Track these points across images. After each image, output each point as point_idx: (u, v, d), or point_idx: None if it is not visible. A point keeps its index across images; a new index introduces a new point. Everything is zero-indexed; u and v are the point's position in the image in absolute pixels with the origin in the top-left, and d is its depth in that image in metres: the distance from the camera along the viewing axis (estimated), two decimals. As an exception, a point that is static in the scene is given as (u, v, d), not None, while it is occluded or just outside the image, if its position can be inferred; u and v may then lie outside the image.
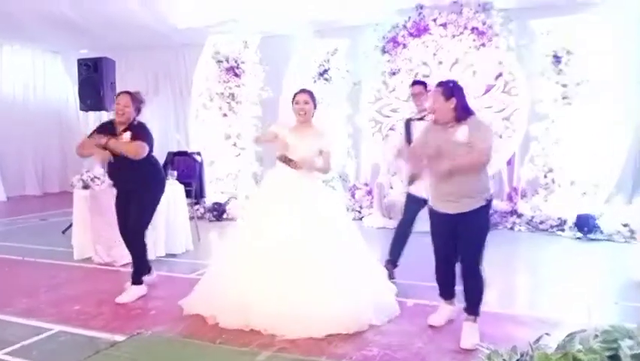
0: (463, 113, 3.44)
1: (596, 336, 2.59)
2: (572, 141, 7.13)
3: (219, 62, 8.68)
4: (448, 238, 3.55)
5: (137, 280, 4.41)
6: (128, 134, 4.25)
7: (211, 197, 8.53)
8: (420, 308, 3.99)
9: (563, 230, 6.80)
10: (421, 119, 4.60)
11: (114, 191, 4.57)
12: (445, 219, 3.51)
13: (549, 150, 7.25)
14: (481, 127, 3.45)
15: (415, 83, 4.80)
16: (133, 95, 4.38)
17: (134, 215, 4.38)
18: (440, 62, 7.85)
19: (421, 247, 3.84)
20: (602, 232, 6.50)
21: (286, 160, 3.90)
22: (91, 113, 10.78)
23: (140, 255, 4.46)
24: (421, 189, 4.56)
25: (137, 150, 4.17)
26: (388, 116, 8.19)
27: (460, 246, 3.50)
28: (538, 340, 2.85)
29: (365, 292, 3.68)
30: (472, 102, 7.43)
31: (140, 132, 4.29)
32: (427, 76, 7.92)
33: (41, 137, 11.81)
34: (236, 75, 8.60)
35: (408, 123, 4.74)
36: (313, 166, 3.99)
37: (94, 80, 7.29)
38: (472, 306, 3.49)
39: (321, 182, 4.20)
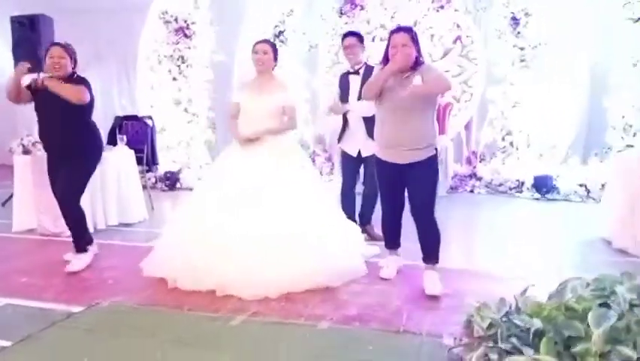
0: (420, 60, 3.34)
1: (587, 285, 2.55)
2: (530, 104, 7.18)
3: (167, 22, 8.18)
4: (396, 188, 3.49)
5: (80, 247, 4.03)
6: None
7: (163, 166, 8.10)
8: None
9: (521, 192, 6.89)
10: (356, 72, 4.42)
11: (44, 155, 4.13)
12: (394, 169, 3.42)
13: (507, 113, 7.28)
14: (433, 70, 3.36)
15: (349, 34, 4.58)
16: (66, 46, 3.94)
17: (65, 182, 3.92)
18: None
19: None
20: (559, 193, 6.63)
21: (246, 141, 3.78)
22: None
23: (76, 224, 4.03)
24: (352, 146, 4.49)
25: (78, 94, 3.73)
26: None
27: (413, 197, 3.42)
28: (524, 292, 2.81)
29: (323, 253, 3.51)
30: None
31: (83, 84, 3.85)
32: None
33: (-30, 106, 10.90)
34: (186, 36, 8.14)
35: (345, 78, 4.51)
36: (272, 130, 3.80)
37: (30, 39, 6.62)
38: (432, 253, 3.47)
39: (285, 145, 3.92)
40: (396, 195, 3.50)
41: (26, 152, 5.03)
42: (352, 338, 2.75)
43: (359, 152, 4.47)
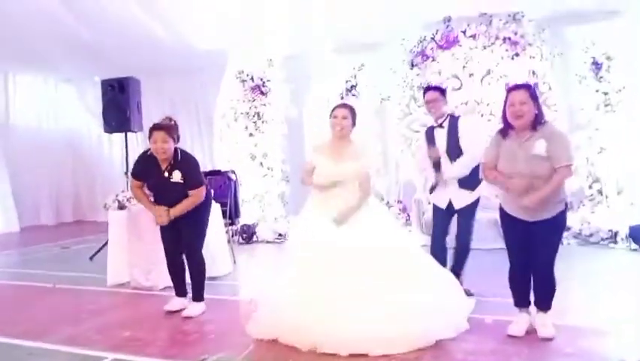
0: (541, 118, 3.23)
1: None
2: (617, 149, 6.87)
3: (243, 81, 8.48)
4: (524, 243, 3.34)
5: (200, 296, 4.22)
6: (178, 175, 3.99)
7: (239, 219, 8.20)
8: (500, 325, 3.63)
9: (615, 242, 6.48)
10: (440, 126, 4.31)
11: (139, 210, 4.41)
12: (523, 225, 3.30)
13: (593, 159, 6.99)
14: (558, 138, 3.24)
15: (430, 88, 4.46)
16: (167, 128, 4.00)
17: (190, 237, 4.16)
18: (471, 74, 7.65)
19: (490, 261, 3.55)
20: (658, 243, 6.20)
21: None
22: (105, 137, 11.02)
23: (200, 273, 4.22)
24: (442, 197, 4.32)
25: (198, 199, 4.07)
26: (418, 132, 7.91)
27: (538, 253, 3.30)
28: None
29: (430, 307, 3.34)
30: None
31: (190, 170, 4.06)
32: (458, 88, 7.75)
33: (55, 166, 11.53)
34: (262, 93, 8.38)
35: (431, 132, 4.39)
36: (353, 212, 3.60)
37: (119, 100, 7.04)
38: (547, 300, 3.37)
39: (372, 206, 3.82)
40: (524, 250, 3.32)
41: (121, 207, 5.19)
42: (480, 401, 2.56)
43: (449, 203, 4.28)
